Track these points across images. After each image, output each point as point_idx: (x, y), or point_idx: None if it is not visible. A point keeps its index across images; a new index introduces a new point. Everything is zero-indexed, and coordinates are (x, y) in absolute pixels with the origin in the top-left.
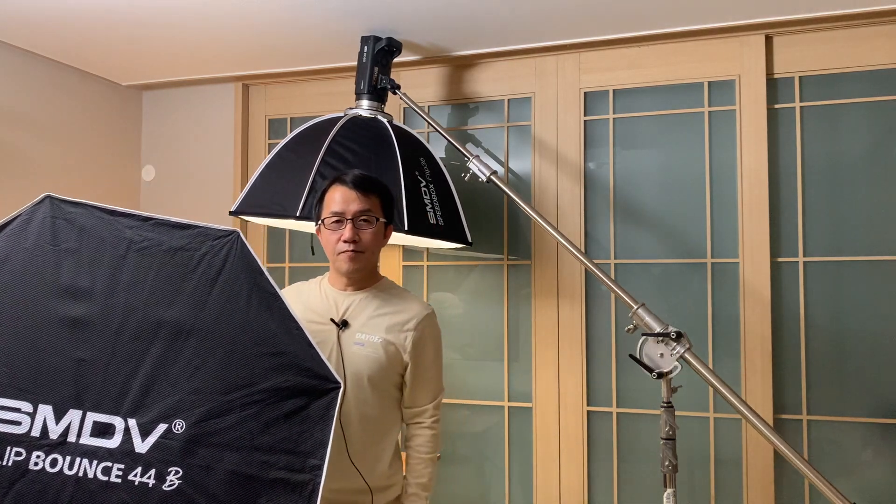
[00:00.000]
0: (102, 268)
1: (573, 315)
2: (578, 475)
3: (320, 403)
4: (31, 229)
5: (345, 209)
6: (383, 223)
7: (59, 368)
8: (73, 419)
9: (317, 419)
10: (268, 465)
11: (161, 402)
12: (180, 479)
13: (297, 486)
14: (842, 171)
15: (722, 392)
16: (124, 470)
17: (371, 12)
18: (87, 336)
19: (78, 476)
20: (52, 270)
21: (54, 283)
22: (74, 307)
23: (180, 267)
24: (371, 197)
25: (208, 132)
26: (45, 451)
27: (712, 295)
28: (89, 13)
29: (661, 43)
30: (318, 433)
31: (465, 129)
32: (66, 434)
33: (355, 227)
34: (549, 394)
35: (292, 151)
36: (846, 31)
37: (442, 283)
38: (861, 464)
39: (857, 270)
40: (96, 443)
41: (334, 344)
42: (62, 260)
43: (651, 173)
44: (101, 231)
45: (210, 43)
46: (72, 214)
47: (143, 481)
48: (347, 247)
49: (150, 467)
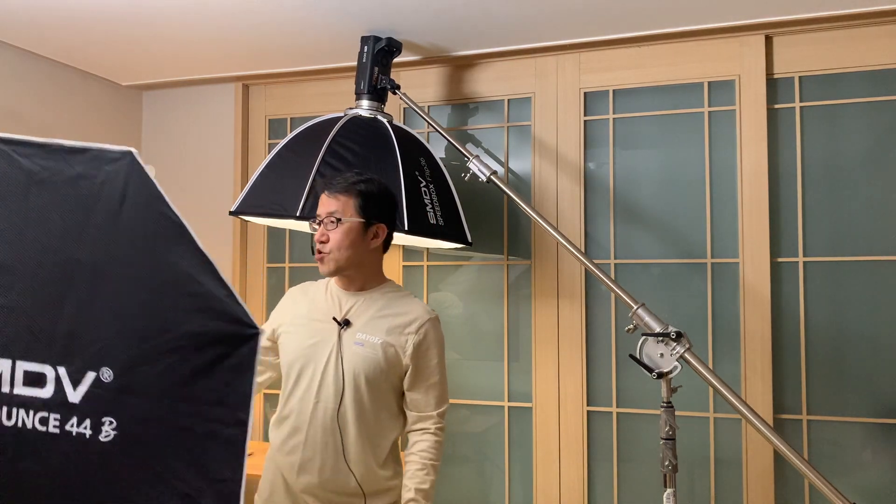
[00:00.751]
0: (7, 204)
1: (573, 315)
2: (578, 475)
3: (242, 351)
4: None
5: (319, 212)
6: (358, 223)
7: None
8: (4, 369)
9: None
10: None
11: (87, 349)
12: (115, 429)
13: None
14: (842, 171)
15: (722, 392)
16: (60, 420)
17: (371, 12)
18: (5, 281)
19: (17, 427)
20: None
21: None
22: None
23: (83, 199)
24: (340, 197)
25: (208, 132)
26: None
27: (712, 295)
28: (89, 13)
29: (661, 43)
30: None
31: (465, 129)
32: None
33: (325, 228)
34: (549, 394)
35: (292, 151)
36: (846, 31)
37: (442, 283)
38: (861, 464)
39: (857, 270)
40: (30, 392)
41: (335, 343)
42: None
43: (651, 173)
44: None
45: (210, 43)
46: None
47: (80, 431)
48: (317, 247)
49: (84, 417)
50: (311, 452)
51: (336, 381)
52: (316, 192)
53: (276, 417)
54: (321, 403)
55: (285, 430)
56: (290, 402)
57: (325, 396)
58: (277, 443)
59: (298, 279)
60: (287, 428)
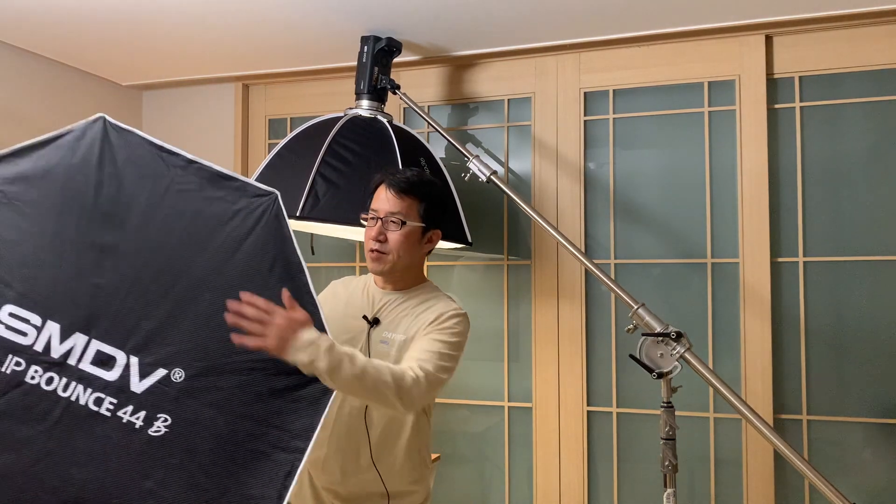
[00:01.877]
0: (140, 200)
1: (573, 315)
2: (578, 475)
3: (317, 387)
4: (81, 146)
5: (378, 208)
6: (418, 227)
7: (77, 290)
8: (78, 343)
9: (310, 402)
10: (253, 436)
11: (166, 348)
12: (167, 427)
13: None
14: (842, 171)
15: (722, 392)
16: (116, 405)
17: (371, 12)
18: (111, 264)
19: (70, 400)
20: (91, 192)
21: (91, 204)
22: (105, 233)
23: (214, 218)
24: (406, 199)
25: (208, 132)
26: (43, 367)
27: (712, 295)
28: (89, 13)
29: (661, 43)
30: (309, 417)
31: (465, 129)
32: (68, 356)
33: (384, 227)
34: (549, 394)
35: (292, 151)
36: (846, 31)
37: (442, 283)
38: (861, 464)
39: (857, 270)
40: (95, 371)
41: (364, 341)
42: (103, 184)
43: (651, 173)
44: (147, 163)
45: (210, 43)
46: (122, 140)
47: (131, 420)
48: (373, 244)
49: (141, 408)
50: (334, 449)
51: None
52: (316, 192)
53: None
54: (347, 400)
55: None
56: None
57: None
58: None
59: None
60: None
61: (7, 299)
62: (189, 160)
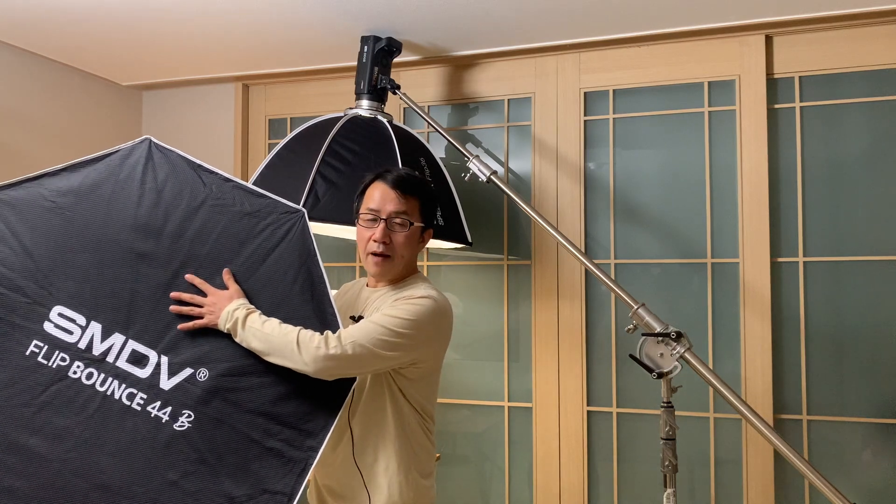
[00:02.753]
0: (177, 212)
1: (573, 315)
2: (578, 475)
3: (333, 387)
4: (127, 164)
5: (381, 207)
6: (419, 227)
7: (118, 294)
8: (116, 342)
9: (325, 403)
10: (269, 434)
11: (194, 349)
12: (191, 422)
13: (290, 461)
14: (842, 171)
15: (722, 392)
16: (146, 400)
17: (371, 12)
18: (148, 271)
19: (106, 394)
20: (134, 204)
21: (133, 216)
22: (144, 242)
23: (244, 231)
24: (410, 199)
25: (208, 132)
26: (85, 363)
27: (712, 295)
28: (89, 13)
29: (661, 43)
30: (324, 418)
31: (465, 129)
32: (107, 354)
33: (388, 228)
34: (549, 394)
35: (292, 152)
36: (846, 31)
37: (442, 283)
38: (861, 464)
39: (857, 270)
40: (130, 369)
41: None
42: (144, 197)
43: (651, 173)
44: (185, 179)
45: (210, 43)
46: (164, 159)
47: (158, 414)
48: (376, 247)
49: (167, 404)
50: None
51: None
52: (316, 192)
53: None
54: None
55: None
56: None
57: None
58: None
59: None
60: None
61: (58, 300)
62: (225, 178)
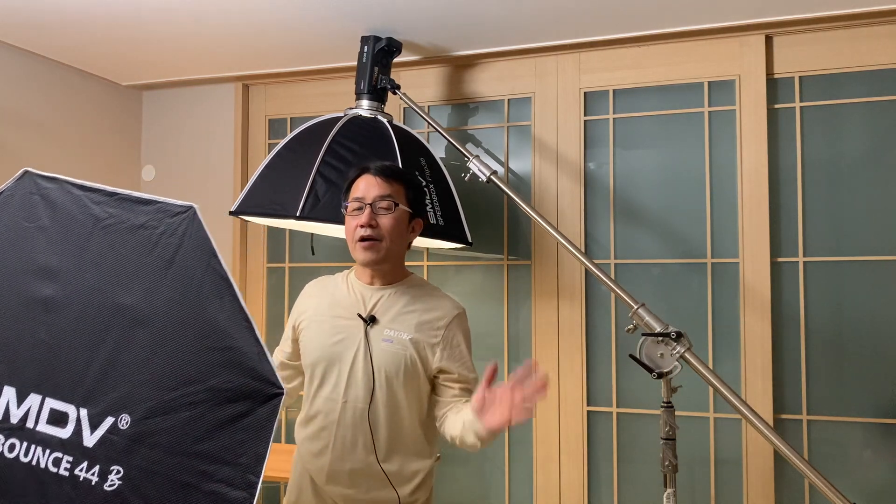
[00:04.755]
0: (70, 246)
1: (573, 315)
2: (578, 475)
3: (262, 411)
4: (12, 205)
5: (365, 195)
6: (407, 212)
7: (26, 349)
8: (33, 404)
9: (257, 429)
10: (206, 476)
11: (112, 394)
12: (121, 479)
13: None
14: (842, 171)
15: (722, 392)
16: (72, 463)
17: (371, 12)
18: (53, 318)
19: (31, 464)
20: (28, 248)
21: (29, 261)
22: (45, 287)
23: (140, 246)
24: (394, 183)
25: (208, 132)
26: (4, 434)
27: (712, 295)
28: (89, 13)
29: (661, 43)
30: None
31: (465, 129)
32: (26, 419)
33: (374, 212)
34: (549, 394)
35: (292, 151)
36: (846, 31)
37: (442, 283)
38: (861, 464)
39: (857, 270)
40: (51, 431)
41: (361, 340)
42: (36, 238)
43: (651, 173)
44: (71, 208)
45: (210, 43)
46: (47, 190)
47: (87, 477)
48: (364, 232)
49: (94, 463)
50: (339, 452)
51: (366, 379)
52: (316, 192)
53: (301, 417)
54: (350, 403)
55: (312, 430)
56: (315, 403)
57: (354, 396)
58: (305, 444)
59: (298, 279)
60: (314, 428)
61: None
62: (110, 193)
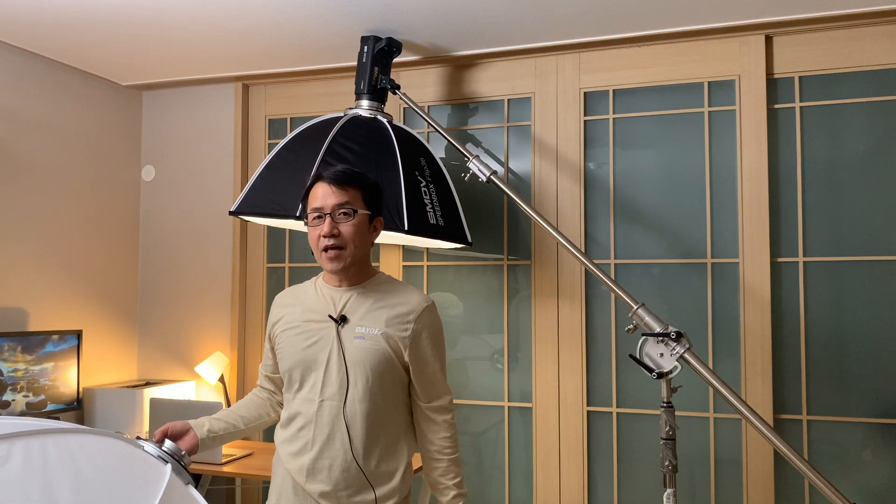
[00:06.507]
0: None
1: (573, 315)
2: (578, 475)
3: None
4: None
5: (323, 204)
6: (366, 215)
7: None
8: None
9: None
10: None
11: None
12: None
13: None
14: (842, 171)
15: (722, 392)
16: None
17: (371, 12)
18: None
19: None
20: None
21: None
22: None
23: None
24: (349, 189)
25: (208, 132)
26: None
27: (712, 295)
28: (89, 13)
29: (661, 43)
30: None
31: (465, 129)
32: None
33: (334, 221)
34: (549, 394)
35: (292, 151)
36: (846, 31)
37: (442, 283)
38: (861, 464)
39: (857, 270)
40: None
41: (334, 340)
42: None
43: (651, 173)
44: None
45: (210, 43)
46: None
47: None
48: (327, 241)
49: None
50: (318, 451)
51: (340, 378)
52: None
53: (280, 421)
54: (326, 401)
55: (291, 431)
56: (293, 405)
57: (330, 394)
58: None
59: (298, 279)
60: (293, 429)
61: None
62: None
